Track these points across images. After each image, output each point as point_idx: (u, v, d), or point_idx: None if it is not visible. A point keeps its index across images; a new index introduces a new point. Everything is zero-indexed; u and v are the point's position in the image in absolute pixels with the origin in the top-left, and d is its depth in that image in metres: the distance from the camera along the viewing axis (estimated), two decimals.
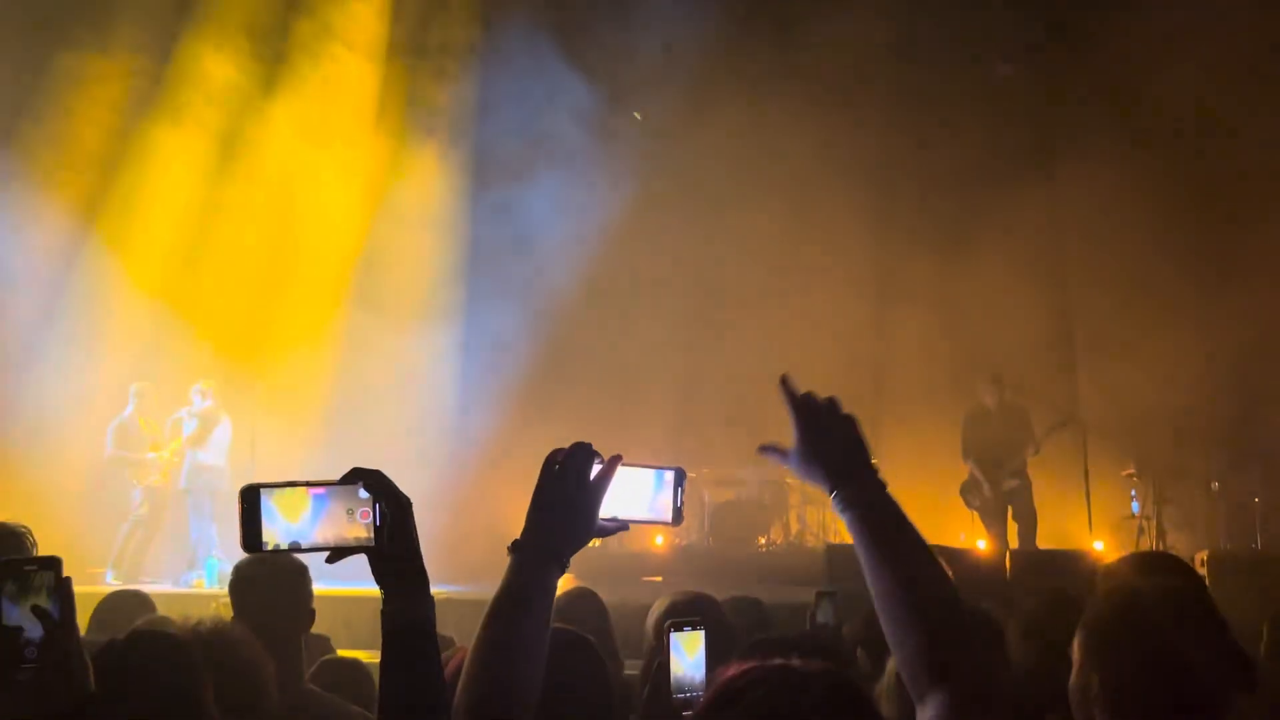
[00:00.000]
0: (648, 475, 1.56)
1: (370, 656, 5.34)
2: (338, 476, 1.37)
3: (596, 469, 1.47)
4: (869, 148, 10.97)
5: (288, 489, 1.33)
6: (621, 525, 1.50)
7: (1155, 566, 2.57)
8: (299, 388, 10.12)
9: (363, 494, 1.35)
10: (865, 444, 1.50)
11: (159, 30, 10.61)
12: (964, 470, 9.10)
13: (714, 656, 1.99)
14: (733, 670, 1.09)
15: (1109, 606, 1.73)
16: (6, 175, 10.15)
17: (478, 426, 10.79)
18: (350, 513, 1.34)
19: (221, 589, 7.79)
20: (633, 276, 11.32)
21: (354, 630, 6.13)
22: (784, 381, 1.53)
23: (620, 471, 1.48)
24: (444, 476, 9.75)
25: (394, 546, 1.35)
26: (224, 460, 9.08)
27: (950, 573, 1.46)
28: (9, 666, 1.45)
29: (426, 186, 11.04)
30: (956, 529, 9.82)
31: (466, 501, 9.86)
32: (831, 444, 1.48)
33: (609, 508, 1.47)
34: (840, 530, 10.87)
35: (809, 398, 1.51)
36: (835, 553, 7.56)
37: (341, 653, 4.27)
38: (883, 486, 1.47)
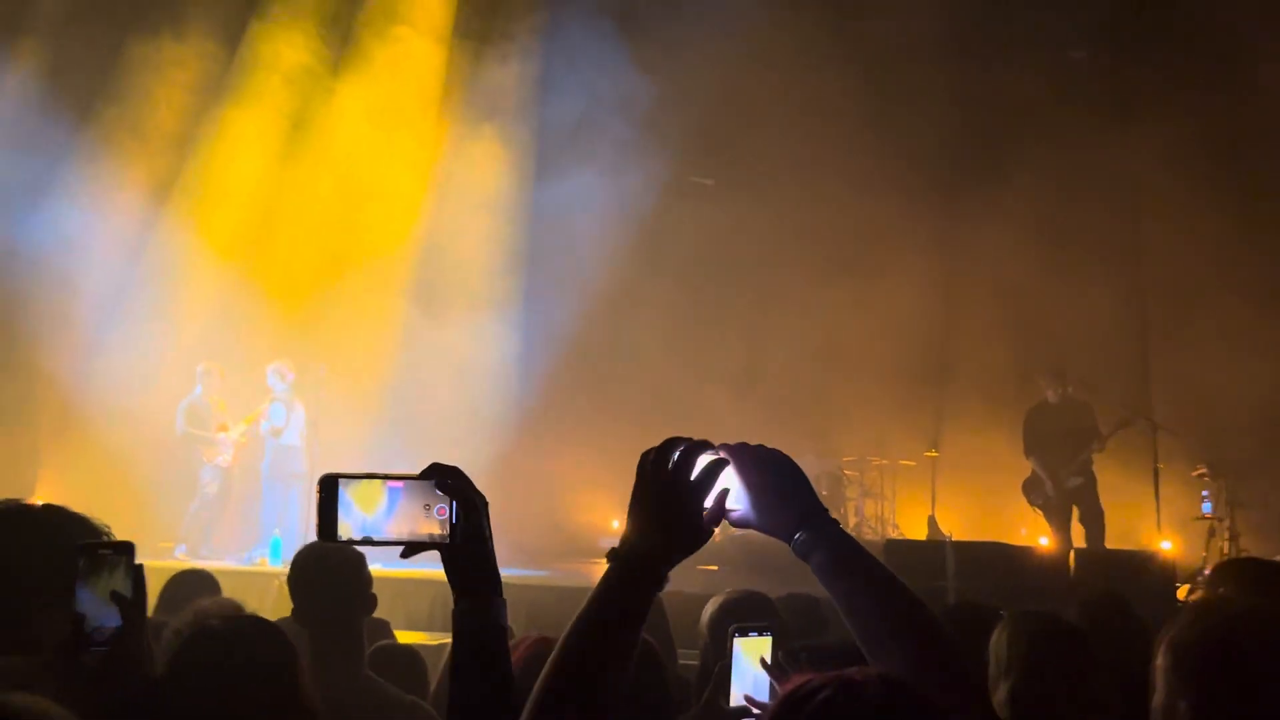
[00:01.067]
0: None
1: (425, 638, 5.41)
2: (398, 461, 1.37)
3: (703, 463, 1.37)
4: (934, 131, 10.77)
5: (365, 480, 1.33)
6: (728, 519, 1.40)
7: (1260, 580, 2.42)
8: (360, 368, 10.25)
9: (439, 490, 1.35)
10: (810, 484, 1.45)
11: (230, 14, 10.87)
12: (1028, 466, 8.92)
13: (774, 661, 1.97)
14: (790, 684, 1.09)
15: (1200, 627, 1.64)
16: (85, 155, 10.43)
17: (536, 411, 10.85)
18: (426, 508, 1.34)
19: (284, 568, 7.97)
20: (691, 260, 11.24)
21: (413, 614, 6.20)
22: (719, 448, 1.43)
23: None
24: (502, 461, 9.82)
25: (468, 546, 1.35)
26: (300, 441, 9.24)
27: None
28: (77, 650, 1.47)
29: (486, 170, 11.09)
30: (1017, 526, 9.65)
31: (525, 486, 9.93)
32: (781, 492, 1.42)
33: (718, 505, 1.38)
34: (902, 525, 10.76)
35: (747, 449, 1.44)
36: (895, 548, 7.44)
37: (399, 634, 4.32)
38: (838, 524, 1.42)
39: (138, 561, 1.63)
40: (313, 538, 1.43)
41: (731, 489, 1.39)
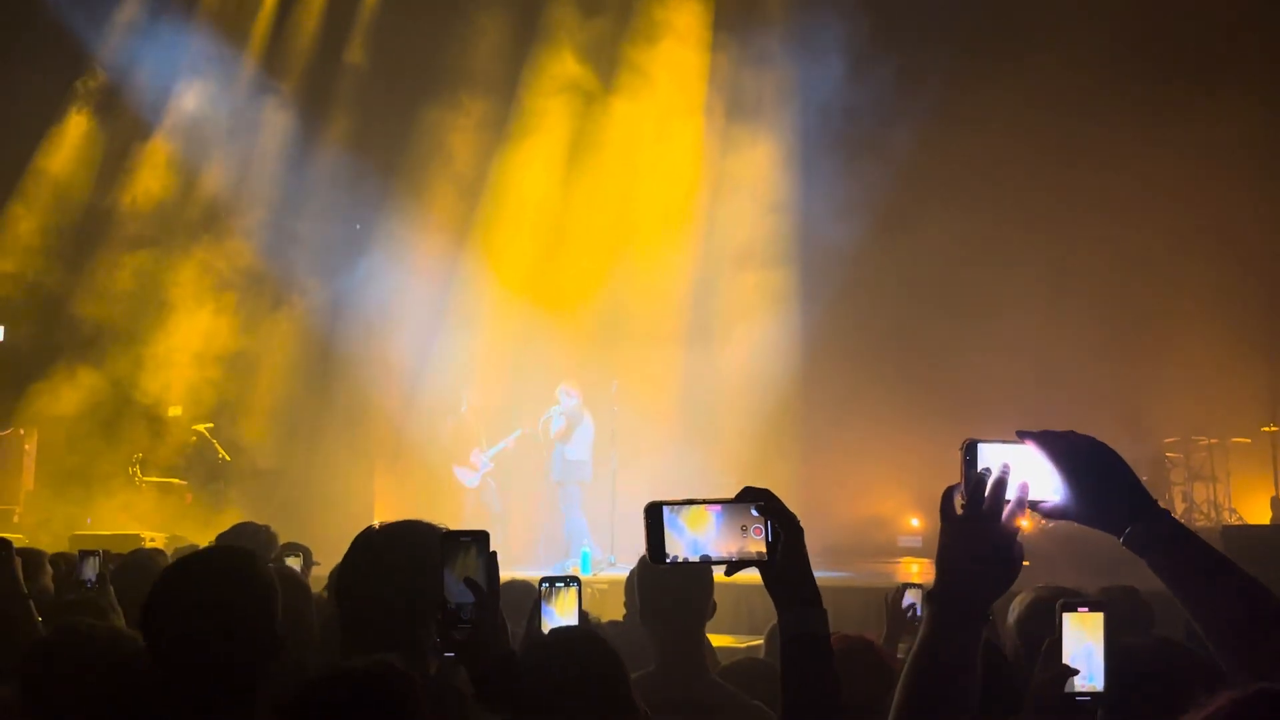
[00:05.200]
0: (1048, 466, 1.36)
1: (733, 641, 5.49)
2: (697, 472, 1.46)
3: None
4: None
5: (689, 506, 1.43)
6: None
7: None
8: (650, 379, 10.56)
9: (754, 511, 1.43)
10: (1134, 473, 1.36)
11: (506, 54, 11.69)
12: None
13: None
14: (1225, 699, 0.99)
15: None
16: (393, 210, 11.58)
17: (820, 411, 10.76)
18: (744, 529, 1.43)
19: (594, 575, 8.38)
20: (968, 239, 10.66)
21: (720, 617, 6.31)
22: (1022, 435, 1.36)
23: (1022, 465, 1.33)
24: (794, 461, 9.83)
25: (787, 562, 1.43)
26: (589, 454, 9.69)
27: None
28: (449, 628, 1.67)
29: (753, 171, 11.17)
30: None
31: (819, 486, 9.87)
32: (1107, 483, 1.35)
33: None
34: (1240, 509, 9.72)
35: (1058, 438, 1.35)
36: (1234, 535, 6.72)
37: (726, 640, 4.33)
38: (1169, 514, 1.34)
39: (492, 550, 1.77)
40: (596, 545, 1.52)
41: (1042, 478, 1.34)
